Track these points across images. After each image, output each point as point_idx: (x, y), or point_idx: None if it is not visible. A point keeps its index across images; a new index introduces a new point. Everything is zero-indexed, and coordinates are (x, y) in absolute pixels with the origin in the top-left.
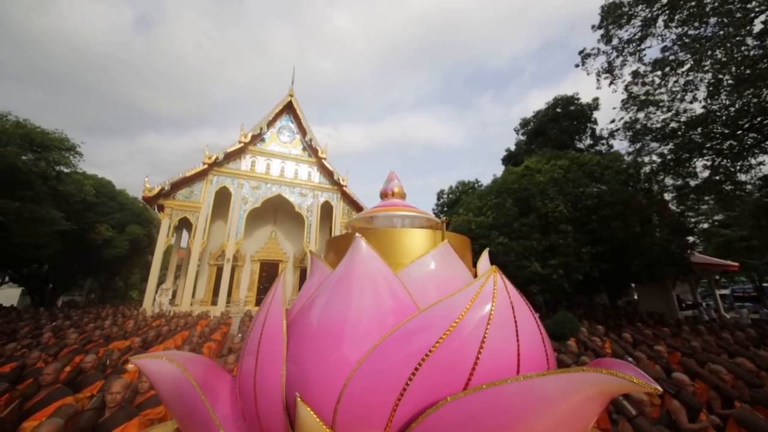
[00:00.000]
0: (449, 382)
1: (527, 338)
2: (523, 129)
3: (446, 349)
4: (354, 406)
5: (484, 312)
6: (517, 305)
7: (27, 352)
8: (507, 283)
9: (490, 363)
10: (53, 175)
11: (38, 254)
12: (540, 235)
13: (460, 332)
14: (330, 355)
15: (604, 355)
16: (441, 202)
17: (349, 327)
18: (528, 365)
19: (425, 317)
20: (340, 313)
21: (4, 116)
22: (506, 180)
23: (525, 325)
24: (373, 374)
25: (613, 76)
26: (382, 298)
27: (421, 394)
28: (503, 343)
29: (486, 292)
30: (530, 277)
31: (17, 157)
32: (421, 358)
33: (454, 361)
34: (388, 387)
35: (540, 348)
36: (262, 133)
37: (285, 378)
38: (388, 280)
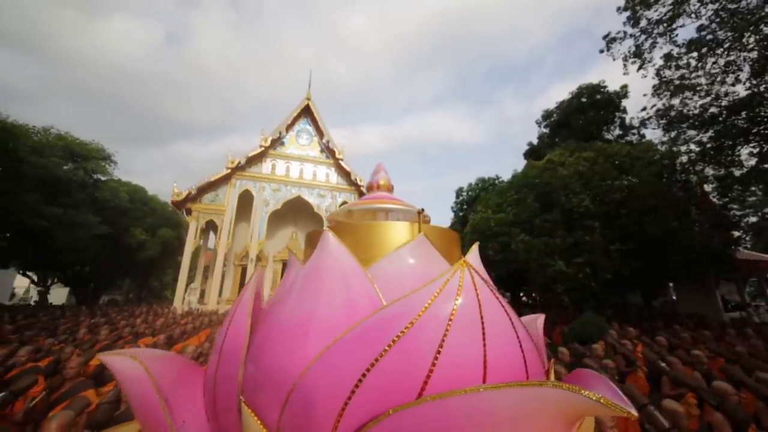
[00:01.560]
0: (401, 391)
1: (498, 342)
2: (545, 121)
3: (399, 354)
4: (298, 412)
5: (444, 312)
6: (486, 305)
7: (63, 347)
8: (477, 280)
9: (447, 370)
10: (91, 182)
11: (80, 257)
12: (564, 231)
13: (415, 334)
14: (285, 357)
15: (635, 360)
16: (460, 199)
17: (307, 327)
18: (497, 374)
19: (381, 317)
20: (300, 313)
21: (47, 130)
22: (527, 175)
23: (496, 327)
24: (320, 379)
25: (641, 60)
26: (346, 296)
27: (369, 403)
28: (465, 348)
29: (449, 290)
30: (554, 277)
31: (59, 167)
32: (370, 363)
33: (408, 368)
34: (333, 393)
35: (515, 354)
36: (282, 137)
37: (242, 378)
38: (356, 276)
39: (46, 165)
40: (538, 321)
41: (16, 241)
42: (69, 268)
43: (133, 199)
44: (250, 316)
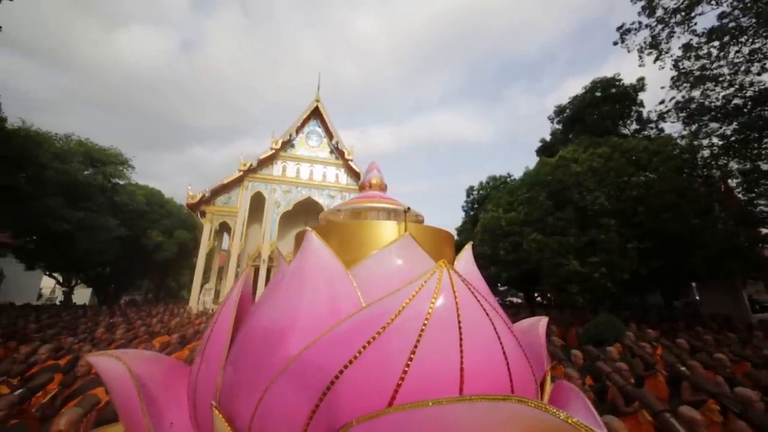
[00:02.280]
0: (371, 399)
1: (477, 348)
2: (558, 117)
3: (370, 360)
4: (267, 418)
5: (418, 316)
6: (466, 308)
7: (82, 346)
8: (457, 281)
9: (420, 378)
10: (109, 186)
11: (100, 258)
12: (578, 230)
13: (386, 340)
14: (261, 361)
15: (653, 363)
16: (471, 198)
17: (286, 330)
18: (475, 382)
19: (354, 321)
20: (279, 315)
21: (68, 137)
22: (539, 172)
23: (475, 332)
24: (290, 384)
25: (658, 51)
26: (326, 298)
27: (338, 411)
28: (440, 355)
29: (425, 292)
30: (568, 276)
31: (80, 172)
32: (339, 370)
33: (378, 375)
34: (302, 400)
35: (497, 361)
36: (292, 139)
37: (221, 381)
38: (337, 278)
39: (67, 170)
40: (540, 324)
41: (42, 243)
42: (91, 269)
43: (150, 202)
44: (233, 318)
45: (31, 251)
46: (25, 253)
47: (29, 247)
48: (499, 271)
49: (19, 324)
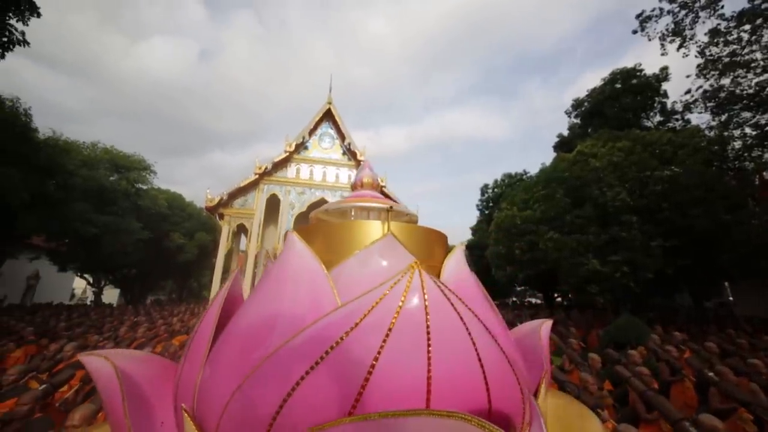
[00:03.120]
0: (331, 408)
1: (447, 356)
2: (576, 111)
3: (332, 366)
4: (233, 421)
5: (383, 321)
6: (436, 312)
7: (105, 343)
8: (429, 283)
9: (382, 387)
10: (133, 191)
11: (126, 260)
12: (598, 228)
13: (349, 346)
14: (234, 363)
15: (680, 368)
16: (485, 197)
17: (261, 332)
18: (444, 393)
19: (322, 325)
20: (257, 317)
21: (94, 145)
22: (556, 168)
23: (446, 338)
24: (254, 390)
25: (682, 38)
26: (304, 299)
27: (297, 418)
28: (405, 362)
29: (393, 296)
30: (588, 276)
31: (105, 178)
32: (300, 376)
33: (340, 382)
34: (265, 404)
35: (470, 369)
36: (305, 142)
37: (199, 382)
38: (316, 279)
39: (94, 177)
40: (543, 327)
41: (73, 246)
42: (118, 271)
43: (172, 205)
44: (216, 319)
45: (63, 254)
46: (58, 255)
47: (61, 249)
48: (515, 271)
49: (51, 323)
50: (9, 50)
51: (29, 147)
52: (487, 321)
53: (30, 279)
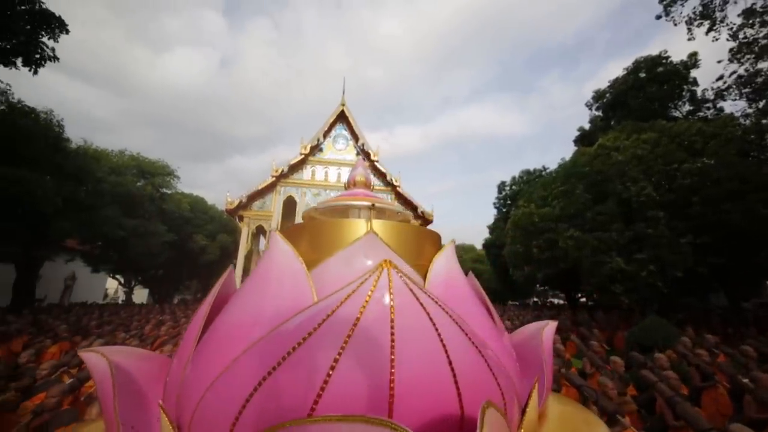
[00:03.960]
0: (292, 409)
1: (412, 361)
2: (597, 103)
3: (294, 367)
4: (202, 421)
5: (345, 322)
6: (403, 313)
7: (131, 341)
8: (397, 283)
9: (342, 389)
10: (158, 196)
11: (153, 261)
12: (621, 224)
13: (312, 346)
14: (212, 361)
15: (712, 374)
16: (503, 195)
17: (239, 330)
18: (409, 398)
19: (288, 326)
20: (236, 315)
21: (122, 152)
22: (575, 163)
23: (413, 340)
24: (224, 388)
25: (711, 21)
26: (283, 299)
27: (258, 419)
28: (366, 365)
29: (359, 295)
30: (611, 275)
31: (132, 184)
32: (262, 377)
33: (300, 384)
34: (230, 404)
35: (439, 373)
36: (320, 144)
37: (183, 379)
38: (296, 279)
39: (121, 183)
40: (546, 330)
41: (105, 248)
42: (146, 271)
43: (194, 208)
44: (204, 317)
45: (96, 256)
46: (91, 257)
47: (95, 252)
48: (533, 270)
49: (84, 321)
50: (41, 66)
51: (61, 156)
52: (474, 322)
53: (67, 280)
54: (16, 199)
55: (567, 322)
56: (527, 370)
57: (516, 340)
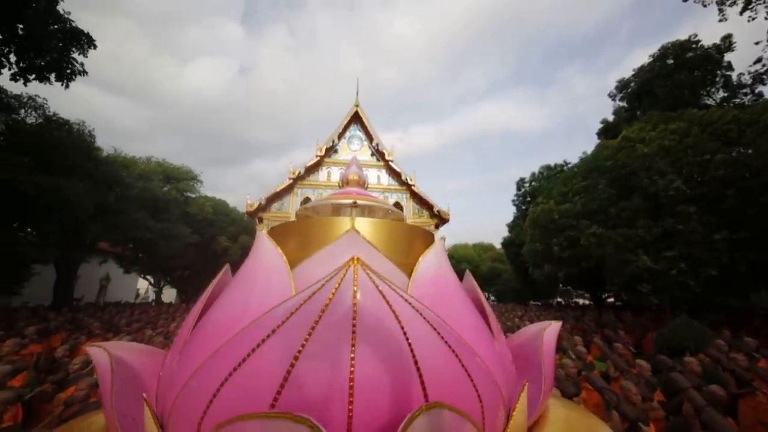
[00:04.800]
0: (254, 404)
1: (373, 358)
2: (621, 93)
3: (256, 364)
4: (177, 414)
5: (308, 320)
6: (366, 312)
7: (157, 338)
8: (362, 280)
9: (302, 385)
10: (182, 200)
11: (179, 262)
12: (648, 220)
13: (275, 343)
14: (196, 356)
15: (750, 380)
16: (522, 192)
17: (221, 327)
18: (370, 395)
19: (258, 323)
20: (220, 313)
21: (149, 159)
22: (597, 157)
23: (376, 340)
24: (197, 382)
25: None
26: (264, 297)
27: (222, 414)
28: (328, 362)
29: (324, 293)
30: (637, 274)
31: (159, 189)
32: (228, 373)
33: (262, 379)
34: (201, 397)
35: (405, 374)
36: (335, 145)
37: (171, 373)
38: (279, 277)
39: (148, 188)
40: (547, 331)
41: (135, 250)
42: (173, 272)
43: (217, 211)
44: (198, 313)
45: (127, 257)
46: (122, 259)
47: (125, 254)
48: (553, 269)
49: (115, 320)
50: (72, 80)
51: (93, 164)
52: (460, 323)
53: (102, 281)
54: (53, 205)
55: (591, 324)
56: (527, 373)
57: (517, 341)
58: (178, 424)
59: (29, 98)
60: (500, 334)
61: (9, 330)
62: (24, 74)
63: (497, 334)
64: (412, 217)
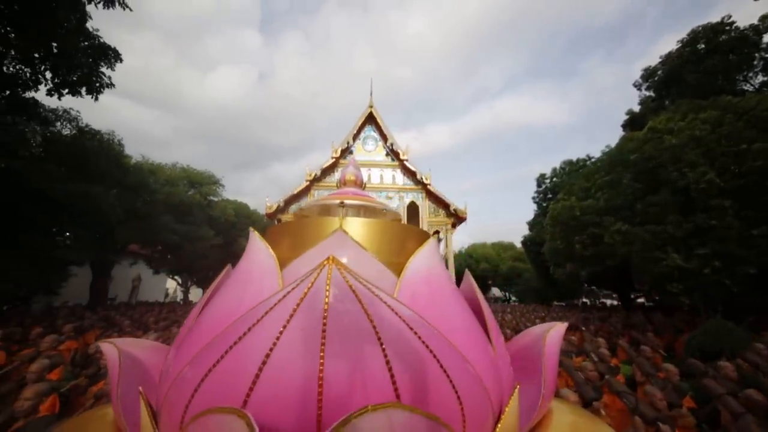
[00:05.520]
0: (229, 400)
1: (341, 358)
2: (647, 82)
3: (233, 360)
4: (167, 407)
5: (280, 318)
6: (337, 311)
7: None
8: (335, 279)
9: (272, 384)
10: (205, 203)
11: (204, 263)
12: (678, 216)
13: (250, 342)
14: (187, 352)
15: None
16: (542, 188)
17: (212, 325)
18: (338, 394)
19: (241, 320)
20: (212, 312)
21: (174, 165)
22: (622, 150)
23: (347, 340)
24: (184, 378)
25: None
26: (253, 296)
27: (201, 406)
28: (298, 361)
29: (297, 292)
30: (667, 273)
31: (184, 193)
32: (208, 369)
33: (238, 376)
34: (185, 392)
35: (376, 375)
36: (350, 146)
37: (169, 367)
38: (268, 277)
39: (174, 193)
40: (550, 333)
41: (162, 252)
42: (199, 273)
43: (238, 214)
44: (198, 311)
45: (156, 259)
46: (151, 260)
47: (154, 255)
48: (576, 268)
49: (145, 318)
50: (101, 92)
51: (122, 171)
52: (448, 324)
53: (134, 281)
54: (86, 211)
55: (618, 325)
56: (528, 375)
57: (521, 343)
58: (168, 416)
59: (64, 111)
60: (498, 337)
61: (49, 327)
62: (58, 89)
63: (495, 336)
64: (428, 216)
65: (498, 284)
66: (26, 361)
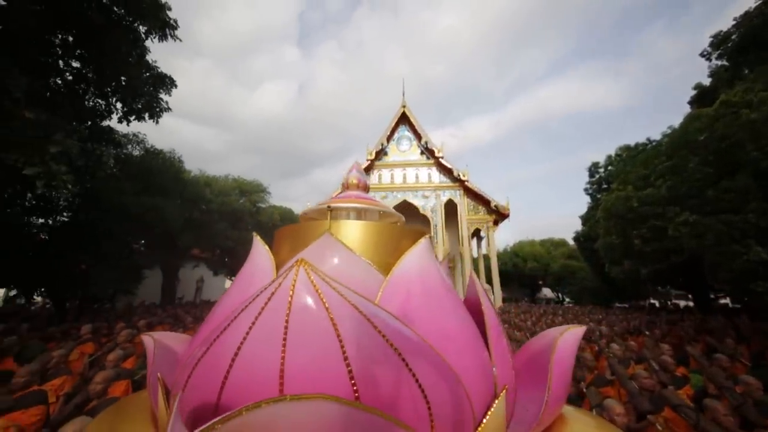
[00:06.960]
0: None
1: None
2: (718, 50)
3: (211, 358)
4: (175, 389)
5: (250, 316)
6: (300, 314)
7: None
8: (301, 281)
9: (240, 380)
10: (254, 210)
11: None
12: (761, 203)
13: (224, 340)
14: (193, 344)
15: None
16: (596, 178)
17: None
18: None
19: (224, 319)
20: (220, 306)
21: (227, 176)
22: (687, 130)
23: (308, 341)
24: (184, 371)
25: None
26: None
27: (187, 402)
28: (263, 358)
29: (266, 292)
30: (750, 269)
31: (236, 202)
32: (192, 366)
33: (214, 372)
34: (183, 377)
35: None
36: (384, 148)
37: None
38: (264, 280)
39: (227, 202)
40: (563, 337)
41: (220, 255)
42: None
43: (284, 218)
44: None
45: (215, 262)
46: (211, 263)
47: (214, 259)
48: (635, 265)
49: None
50: (160, 116)
51: (181, 185)
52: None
53: (198, 282)
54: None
55: (691, 330)
56: (539, 381)
57: (535, 346)
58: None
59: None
60: (499, 340)
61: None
62: (126, 117)
63: (494, 339)
64: (467, 214)
65: (549, 284)
66: (106, 352)
